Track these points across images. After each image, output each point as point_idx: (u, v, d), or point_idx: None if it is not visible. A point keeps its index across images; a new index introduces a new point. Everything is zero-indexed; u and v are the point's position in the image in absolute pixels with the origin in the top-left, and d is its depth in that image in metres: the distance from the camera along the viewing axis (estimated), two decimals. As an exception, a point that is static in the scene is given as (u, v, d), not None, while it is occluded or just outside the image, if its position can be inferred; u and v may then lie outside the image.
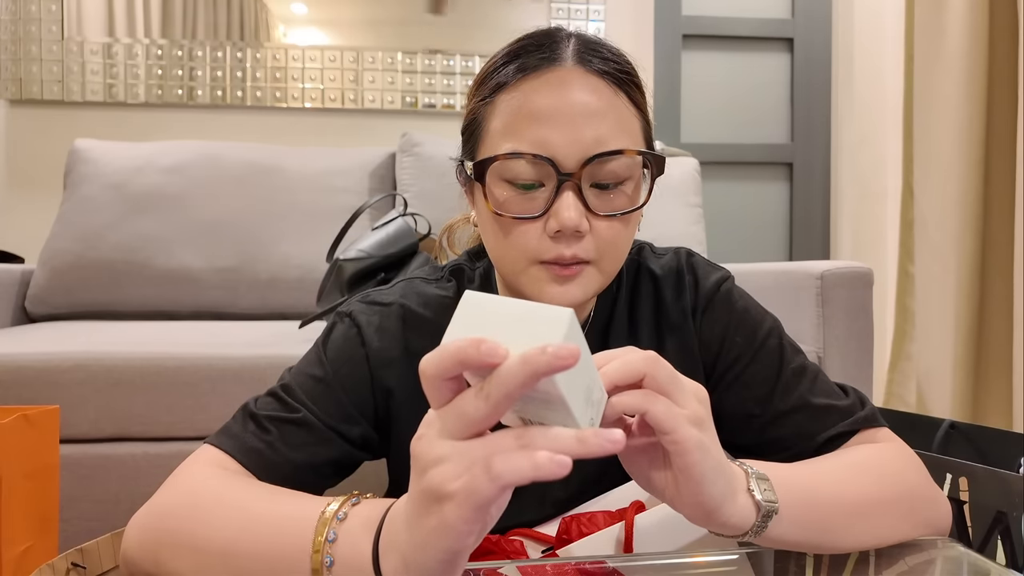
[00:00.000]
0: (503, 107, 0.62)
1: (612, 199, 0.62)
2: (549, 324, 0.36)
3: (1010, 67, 1.86)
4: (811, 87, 2.62)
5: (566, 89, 0.60)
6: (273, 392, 0.66)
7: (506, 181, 0.61)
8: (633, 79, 0.65)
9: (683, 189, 1.99)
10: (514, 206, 0.61)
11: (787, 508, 0.50)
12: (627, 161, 0.61)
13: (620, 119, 0.62)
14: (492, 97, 0.64)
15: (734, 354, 0.70)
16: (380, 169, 1.99)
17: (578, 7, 2.42)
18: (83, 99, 2.22)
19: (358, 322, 0.68)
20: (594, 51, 0.63)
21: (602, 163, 0.60)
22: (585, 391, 0.39)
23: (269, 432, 0.62)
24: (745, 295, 0.74)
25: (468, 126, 0.68)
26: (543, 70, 0.61)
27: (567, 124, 0.59)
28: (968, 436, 1.20)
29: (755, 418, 0.68)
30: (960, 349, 1.89)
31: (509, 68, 0.63)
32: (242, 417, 0.65)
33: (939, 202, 1.94)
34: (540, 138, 0.59)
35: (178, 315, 1.77)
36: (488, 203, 0.62)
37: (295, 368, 0.68)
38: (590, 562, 0.59)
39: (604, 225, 0.61)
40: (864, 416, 0.66)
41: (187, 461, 0.61)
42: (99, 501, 1.19)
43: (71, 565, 0.61)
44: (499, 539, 0.65)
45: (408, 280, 0.73)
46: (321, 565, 0.44)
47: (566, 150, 0.59)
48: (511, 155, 0.60)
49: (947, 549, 0.60)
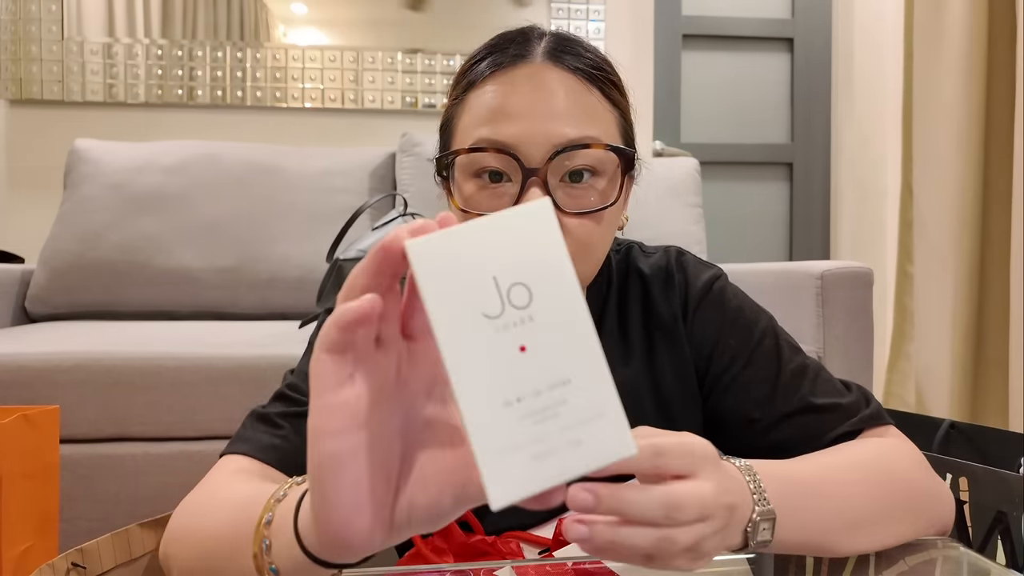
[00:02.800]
0: (472, 104, 0.62)
1: (583, 196, 0.60)
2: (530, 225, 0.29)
3: (1009, 67, 1.86)
4: (811, 87, 2.62)
5: (534, 84, 0.60)
6: (278, 394, 0.66)
7: (473, 176, 0.61)
8: (608, 76, 0.64)
9: (683, 189, 1.99)
10: (481, 202, 0.60)
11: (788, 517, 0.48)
12: (597, 156, 0.60)
13: (590, 115, 0.61)
14: (464, 95, 0.63)
15: (728, 356, 0.68)
16: (380, 169, 1.99)
17: (578, 7, 2.42)
18: (83, 99, 2.22)
19: None
20: (566, 48, 0.63)
21: (569, 157, 0.59)
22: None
23: (281, 428, 0.62)
24: (739, 293, 0.72)
25: (442, 126, 0.67)
26: (512, 67, 0.61)
27: (533, 118, 0.59)
28: (968, 436, 1.20)
29: (756, 422, 0.65)
30: (959, 348, 1.89)
31: (480, 66, 0.63)
32: (251, 422, 0.64)
33: (938, 202, 1.94)
34: (506, 132, 0.59)
35: (178, 315, 1.77)
36: (454, 200, 0.62)
37: (295, 370, 0.68)
38: (588, 562, 0.59)
39: (575, 223, 0.60)
40: (869, 414, 0.64)
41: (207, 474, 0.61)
42: (99, 501, 1.19)
43: (71, 565, 0.60)
44: (495, 540, 0.65)
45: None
46: (260, 548, 0.42)
47: (531, 144, 0.58)
48: (474, 149, 0.59)
49: (947, 549, 0.59)
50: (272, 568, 0.42)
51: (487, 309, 0.29)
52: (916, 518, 0.58)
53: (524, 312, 0.29)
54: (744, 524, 0.45)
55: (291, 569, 0.41)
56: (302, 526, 0.39)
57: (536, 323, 0.29)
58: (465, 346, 0.29)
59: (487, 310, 0.29)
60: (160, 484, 1.19)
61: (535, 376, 0.29)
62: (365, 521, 0.35)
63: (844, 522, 0.53)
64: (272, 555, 0.41)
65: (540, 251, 0.29)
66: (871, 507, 0.55)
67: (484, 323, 0.29)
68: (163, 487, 1.19)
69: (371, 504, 0.35)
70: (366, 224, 1.67)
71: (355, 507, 0.34)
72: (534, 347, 0.29)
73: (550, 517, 0.69)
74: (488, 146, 0.59)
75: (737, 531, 0.44)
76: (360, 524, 0.35)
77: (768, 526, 0.45)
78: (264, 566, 0.42)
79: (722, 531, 0.41)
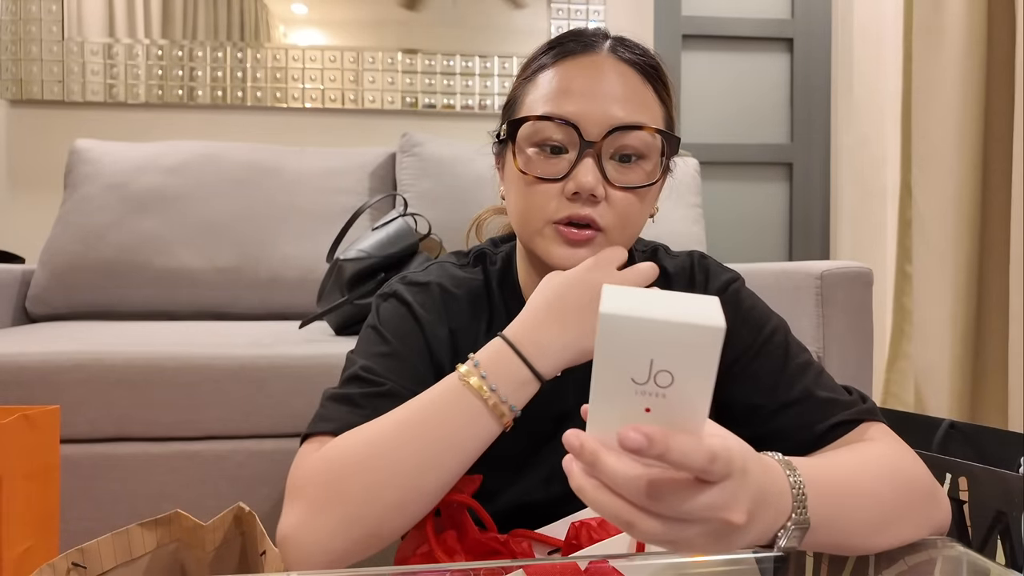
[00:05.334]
0: (541, 83, 0.70)
1: (629, 173, 0.68)
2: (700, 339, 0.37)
3: (1008, 67, 1.86)
4: (811, 87, 2.62)
5: (598, 71, 0.68)
6: (354, 376, 0.68)
7: (535, 144, 0.68)
8: (659, 74, 0.72)
9: (683, 189, 1.99)
10: (539, 167, 0.68)
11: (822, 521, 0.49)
12: (646, 138, 0.67)
13: (644, 103, 0.69)
14: (532, 76, 0.71)
15: (740, 347, 0.72)
16: (380, 169, 1.99)
17: (578, 7, 2.42)
18: (83, 99, 2.22)
19: (405, 300, 0.73)
20: (627, 46, 0.71)
21: (622, 136, 0.66)
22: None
23: (364, 408, 0.65)
24: (753, 296, 0.77)
25: (508, 103, 0.75)
26: (580, 55, 0.69)
27: (595, 99, 0.66)
28: (967, 436, 1.20)
29: (760, 408, 0.70)
30: (958, 348, 1.89)
31: (550, 53, 0.71)
32: (332, 404, 0.67)
33: (937, 202, 1.94)
34: (570, 108, 0.66)
35: (178, 315, 1.77)
36: (516, 162, 0.69)
37: (359, 352, 0.71)
38: (596, 561, 0.58)
39: (619, 196, 0.67)
40: (867, 408, 0.68)
41: (296, 459, 0.64)
42: (99, 501, 1.19)
43: (71, 565, 0.60)
44: (507, 539, 0.65)
45: (440, 264, 0.79)
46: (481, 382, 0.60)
47: (591, 121, 0.66)
48: (542, 117, 0.67)
49: (947, 549, 0.59)
50: (492, 387, 0.60)
51: (636, 377, 0.38)
52: (921, 519, 0.60)
53: (662, 390, 0.38)
54: (777, 528, 0.47)
55: (513, 389, 0.60)
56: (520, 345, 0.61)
57: (666, 400, 0.38)
58: (610, 392, 0.39)
59: (636, 377, 0.38)
60: (160, 484, 1.19)
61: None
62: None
63: (868, 525, 0.55)
64: (496, 385, 0.60)
65: (696, 355, 0.37)
66: (891, 510, 0.57)
67: (629, 385, 0.39)
68: (163, 487, 1.19)
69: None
70: (366, 224, 1.67)
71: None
72: (655, 412, 0.39)
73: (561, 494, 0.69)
74: (554, 116, 0.66)
75: (769, 531, 0.47)
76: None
77: (799, 534, 0.48)
78: (496, 399, 0.59)
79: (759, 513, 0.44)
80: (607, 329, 0.38)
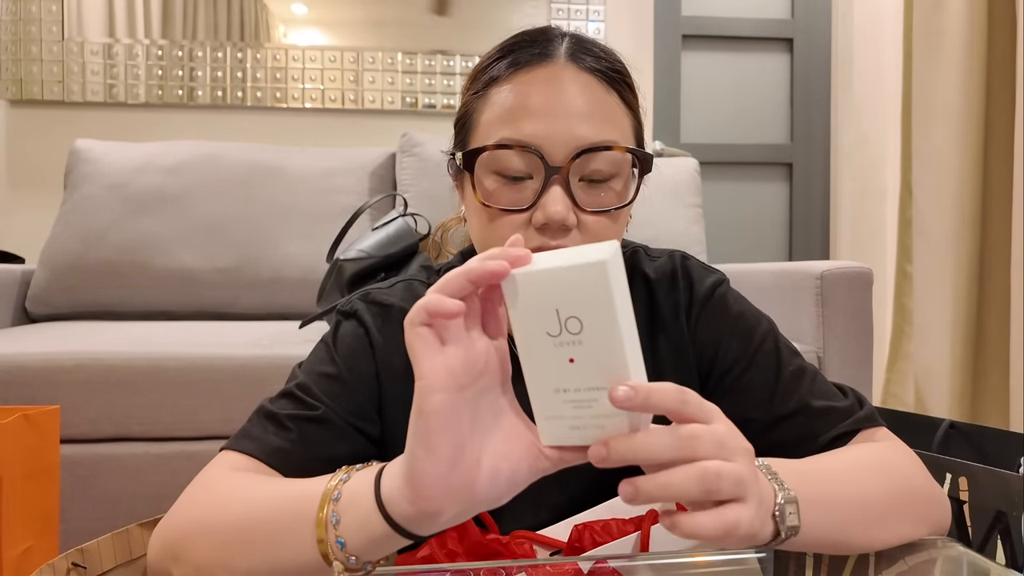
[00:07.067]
0: (495, 100, 0.63)
1: (600, 195, 0.62)
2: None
3: (1008, 67, 1.86)
4: (811, 87, 2.62)
5: (557, 84, 0.61)
6: (288, 392, 0.65)
7: (495, 173, 0.62)
8: (625, 79, 0.66)
9: (683, 189, 1.99)
10: (502, 197, 0.62)
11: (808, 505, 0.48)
12: (616, 157, 0.62)
13: (610, 116, 0.63)
14: (484, 91, 0.64)
15: (730, 359, 0.69)
16: (380, 169, 1.99)
17: (578, 7, 2.42)
18: (83, 99, 2.22)
19: (364, 322, 0.68)
20: (587, 50, 0.64)
21: (590, 158, 0.60)
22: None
23: (290, 431, 0.62)
24: (740, 298, 0.73)
25: (460, 119, 0.68)
26: (535, 66, 0.62)
27: (557, 118, 0.60)
28: (968, 436, 1.20)
29: (754, 422, 0.66)
30: (958, 348, 1.89)
31: (502, 63, 0.64)
32: (260, 419, 0.63)
33: (937, 201, 1.94)
34: (530, 131, 0.60)
35: (178, 315, 1.78)
36: (476, 194, 0.63)
37: (305, 366, 0.68)
38: (597, 562, 0.58)
39: (592, 220, 0.62)
40: (864, 415, 0.65)
41: (205, 468, 0.60)
42: (99, 501, 1.19)
43: (71, 565, 0.60)
44: (509, 541, 0.65)
45: (407, 282, 0.73)
46: (326, 524, 0.45)
47: (555, 144, 0.60)
48: (500, 146, 0.60)
49: (947, 549, 0.59)
50: (339, 541, 0.44)
51: (550, 330, 0.40)
52: (919, 518, 0.59)
53: (575, 337, 0.40)
54: (772, 509, 0.46)
55: (361, 542, 0.44)
56: (386, 495, 0.43)
57: (584, 346, 0.40)
58: (533, 352, 0.41)
59: (550, 331, 0.40)
60: (160, 484, 1.19)
61: (577, 380, 0.40)
62: (459, 479, 0.40)
63: (860, 515, 0.54)
64: (340, 530, 0.45)
65: (591, 294, 0.38)
66: (883, 501, 0.56)
67: (547, 339, 0.40)
68: (163, 487, 1.19)
69: (464, 464, 0.41)
70: (366, 224, 1.67)
71: (452, 464, 0.40)
72: (579, 361, 0.40)
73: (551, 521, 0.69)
74: (513, 144, 0.60)
75: (767, 516, 0.45)
76: (455, 481, 0.40)
77: (793, 509, 0.47)
78: (331, 540, 0.45)
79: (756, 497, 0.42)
80: (509, 292, 0.40)
